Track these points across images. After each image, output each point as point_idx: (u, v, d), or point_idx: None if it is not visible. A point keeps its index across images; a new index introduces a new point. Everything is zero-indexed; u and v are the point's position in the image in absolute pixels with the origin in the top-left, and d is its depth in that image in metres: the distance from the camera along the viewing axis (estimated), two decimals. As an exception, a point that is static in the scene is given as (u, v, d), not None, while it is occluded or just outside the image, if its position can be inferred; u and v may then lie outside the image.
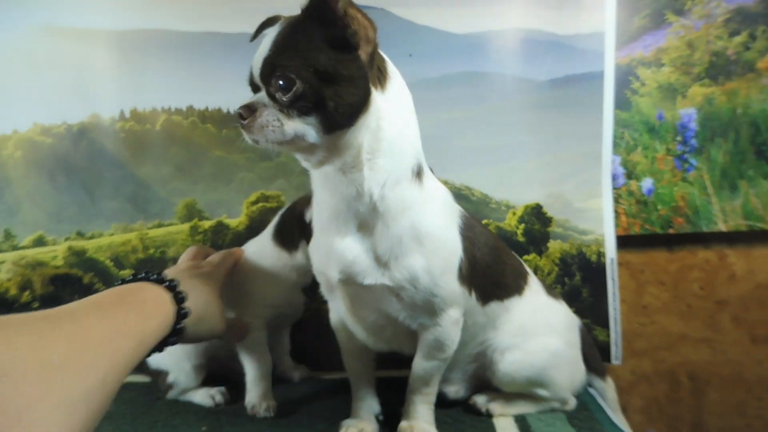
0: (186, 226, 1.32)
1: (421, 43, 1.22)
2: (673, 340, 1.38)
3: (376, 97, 0.74)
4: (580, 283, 1.27)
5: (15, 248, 1.34)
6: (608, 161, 1.27)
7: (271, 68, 0.70)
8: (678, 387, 1.39)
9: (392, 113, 0.76)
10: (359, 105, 0.72)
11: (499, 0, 1.25)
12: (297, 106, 0.69)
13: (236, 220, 1.31)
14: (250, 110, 0.71)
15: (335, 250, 0.79)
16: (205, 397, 1.08)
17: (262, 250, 1.08)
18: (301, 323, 1.23)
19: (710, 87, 1.30)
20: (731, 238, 1.34)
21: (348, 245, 0.79)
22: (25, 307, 1.32)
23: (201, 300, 0.83)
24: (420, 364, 0.87)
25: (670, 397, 1.39)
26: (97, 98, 1.29)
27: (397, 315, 0.82)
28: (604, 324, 1.26)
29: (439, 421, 0.91)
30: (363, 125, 0.73)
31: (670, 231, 1.32)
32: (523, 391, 0.97)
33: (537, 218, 1.28)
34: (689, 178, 1.31)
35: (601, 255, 1.27)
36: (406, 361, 0.92)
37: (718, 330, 1.37)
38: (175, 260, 1.33)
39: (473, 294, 0.87)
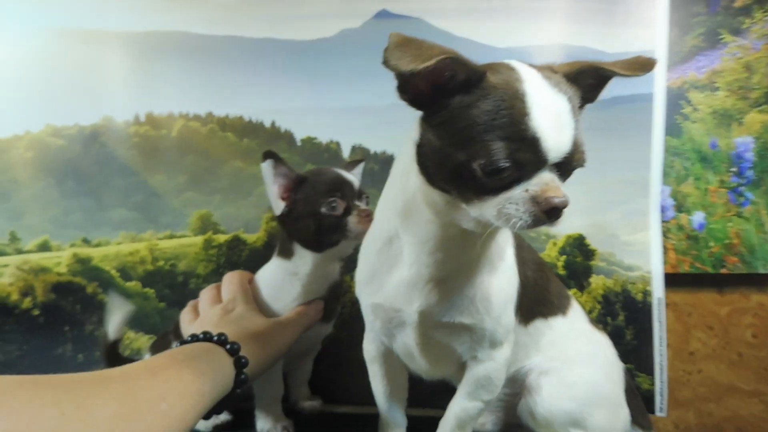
0: (199, 239, 1.24)
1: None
2: (721, 391, 1.25)
3: None
4: (623, 324, 1.16)
5: (19, 252, 1.27)
6: (657, 192, 1.17)
7: (577, 149, 0.60)
8: (726, 444, 1.25)
9: None
10: None
11: (544, 14, 1.18)
12: None
13: (254, 236, 1.23)
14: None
15: (421, 288, 0.74)
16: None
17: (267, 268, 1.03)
18: (318, 352, 1.14)
19: (770, 115, 1.20)
20: (789, 282, 1.22)
21: (436, 284, 0.74)
22: (25, 314, 1.25)
23: (261, 365, 0.83)
24: (460, 404, 0.81)
25: (717, 454, 1.25)
26: (111, 100, 1.24)
27: (458, 346, 0.79)
28: (649, 371, 1.15)
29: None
30: None
31: (723, 271, 1.20)
32: None
33: (579, 250, 1.17)
34: (744, 213, 1.20)
35: (647, 294, 1.16)
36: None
37: (772, 383, 1.24)
38: (185, 274, 1.26)
39: (517, 316, 0.83)
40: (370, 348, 0.89)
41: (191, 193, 1.25)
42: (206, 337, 0.76)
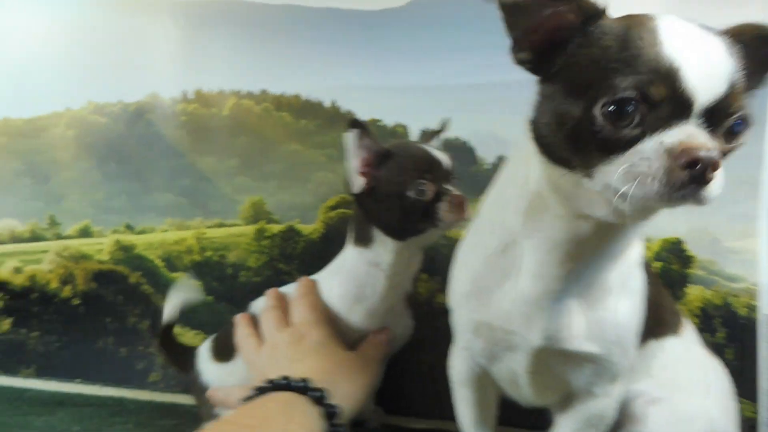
0: (251, 229, 1.15)
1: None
2: (826, 418, 1.12)
3: None
4: (723, 342, 1.03)
5: (59, 237, 1.21)
6: (768, 194, 1.03)
7: (735, 98, 0.49)
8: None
9: None
10: None
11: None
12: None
13: (310, 227, 1.13)
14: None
15: (546, 307, 0.63)
16: None
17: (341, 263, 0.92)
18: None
19: None
20: None
21: (563, 304, 0.63)
22: (65, 303, 1.19)
23: (352, 409, 0.71)
24: None
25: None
26: (157, 75, 1.15)
27: (574, 379, 0.69)
28: (752, 397, 1.02)
29: None
30: None
31: (841, 285, 1.05)
32: None
33: (676, 256, 1.04)
34: None
35: (752, 309, 1.02)
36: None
37: None
38: (235, 266, 1.17)
39: None
40: (461, 369, 0.78)
41: (243, 177, 1.15)
42: (280, 383, 0.62)
